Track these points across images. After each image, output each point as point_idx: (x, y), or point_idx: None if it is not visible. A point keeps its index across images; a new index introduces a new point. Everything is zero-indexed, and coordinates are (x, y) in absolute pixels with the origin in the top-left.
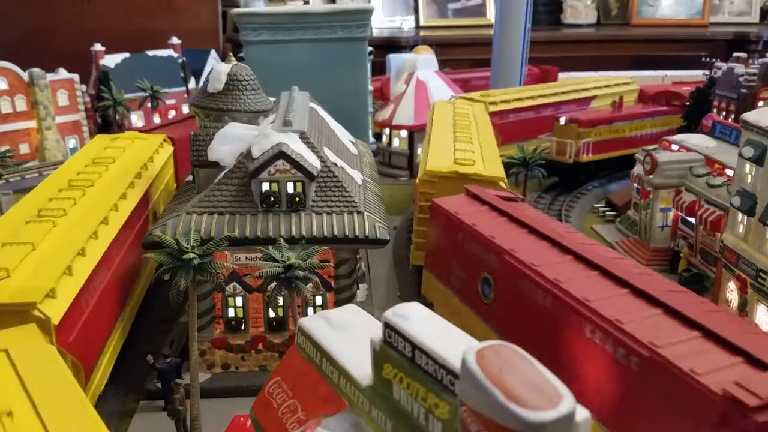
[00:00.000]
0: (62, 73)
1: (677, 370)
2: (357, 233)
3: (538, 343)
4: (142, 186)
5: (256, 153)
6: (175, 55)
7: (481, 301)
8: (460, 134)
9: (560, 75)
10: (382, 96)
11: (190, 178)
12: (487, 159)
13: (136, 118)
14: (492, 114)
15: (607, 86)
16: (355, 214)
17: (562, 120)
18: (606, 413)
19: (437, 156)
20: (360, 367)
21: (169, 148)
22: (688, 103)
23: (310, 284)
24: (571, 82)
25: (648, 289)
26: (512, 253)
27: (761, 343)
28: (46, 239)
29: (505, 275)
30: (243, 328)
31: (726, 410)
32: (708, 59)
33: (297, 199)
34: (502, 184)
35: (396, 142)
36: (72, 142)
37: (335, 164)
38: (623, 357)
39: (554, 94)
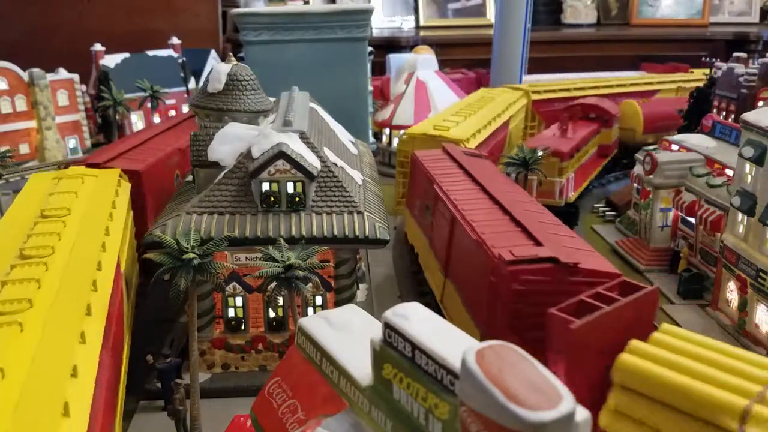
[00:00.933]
0: (62, 73)
1: (486, 246)
2: (357, 233)
3: (444, 242)
4: (112, 252)
5: (256, 153)
6: (175, 55)
7: (425, 222)
8: (467, 111)
9: (567, 75)
10: (382, 96)
11: (190, 178)
12: (466, 127)
13: (136, 118)
14: (536, 102)
15: (661, 82)
16: (355, 214)
17: (539, 152)
18: (462, 278)
19: (425, 124)
20: (360, 367)
21: (126, 188)
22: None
23: (310, 284)
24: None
25: (515, 212)
26: (441, 186)
27: (560, 240)
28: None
29: (435, 201)
30: (243, 328)
31: (495, 264)
32: (708, 59)
33: (297, 199)
34: (465, 144)
35: (396, 142)
36: (72, 142)
37: (335, 164)
38: (474, 243)
39: (596, 87)
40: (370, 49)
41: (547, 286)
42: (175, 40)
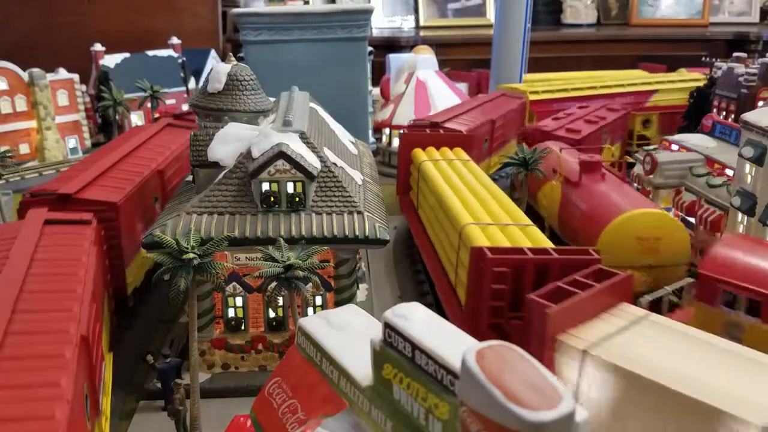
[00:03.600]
0: (62, 73)
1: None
2: (357, 233)
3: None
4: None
5: (255, 153)
6: (175, 55)
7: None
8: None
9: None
10: (382, 96)
11: (190, 178)
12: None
13: (136, 118)
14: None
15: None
16: (355, 214)
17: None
18: None
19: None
20: (360, 367)
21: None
22: (688, 103)
23: (310, 284)
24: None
25: None
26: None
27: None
28: None
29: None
30: (243, 328)
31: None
32: (708, 59)
33: (297, 199)
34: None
35: (396, 142)
36: (72, 142)
37: (335, 164)
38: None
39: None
40: (370, 49)
41: None
42: (175, 40)
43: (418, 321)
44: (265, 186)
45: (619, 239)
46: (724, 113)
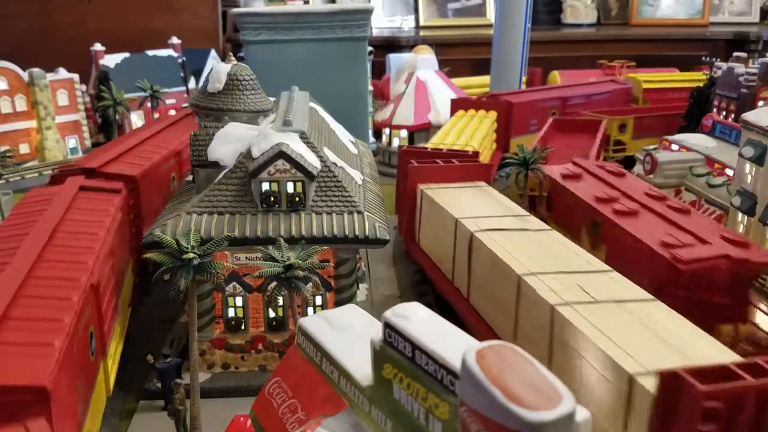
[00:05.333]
0: (62, 73)
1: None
2: (357, 233)
3: None
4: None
5: (255, 153)
6: (175, 55)
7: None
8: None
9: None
10: (382, 95)
11: (189, 177)
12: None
13: (136, 118)
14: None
15: None
16: (355, 214)
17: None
18: None
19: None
20: (360, 367)
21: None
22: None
23: (310, 284)
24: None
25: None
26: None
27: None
28: None
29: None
30: (243, 328)
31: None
32: (708, 59)
33: (297, 199)
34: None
35: (396, 142)
36: (72, 142)
37: (335, 164)
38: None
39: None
40: (370, 48)
41: None
42: (175, 40)
43: (418, 321)
44: (265, 186)
45: None
46: (724, 113)
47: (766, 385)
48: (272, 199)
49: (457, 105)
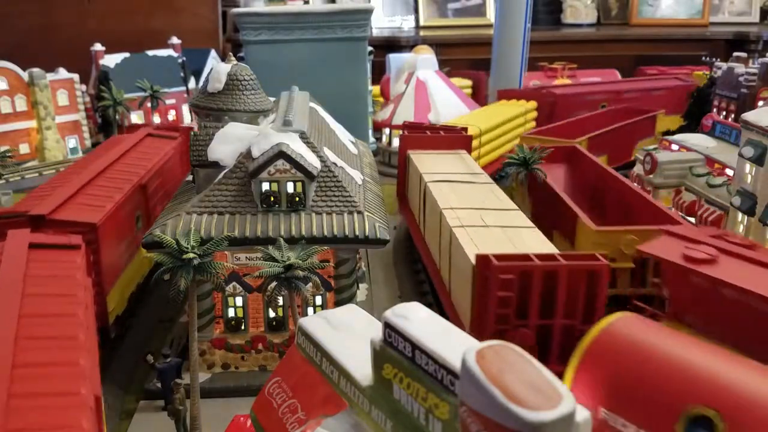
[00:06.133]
0: (62, 73)
1: None
2: (357, 233)
3: None
4: None
5: (255, 153)
6: (175, 55)
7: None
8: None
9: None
10: (382, 96)
11: (189, 177)
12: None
13: (136, 118)
14: None
15: None
16: (355, 214)
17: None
18: None
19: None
20: (360, 367)
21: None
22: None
23: (310, 284)
24: None
25: None
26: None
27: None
28: None
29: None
30: (243, 328)
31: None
32: (708, 59)
33: (297, 199)
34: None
35: (396, 142)
36: (72, 142)
37: (335, 164)
38: None
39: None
40: (370, 48)
41: None
42: (175, 40)
43: (418, 321)
44: (265, 186)
45: None
46: (724, 113)
47: (548, 266)
48: (272, 199)
49: (501, 95)
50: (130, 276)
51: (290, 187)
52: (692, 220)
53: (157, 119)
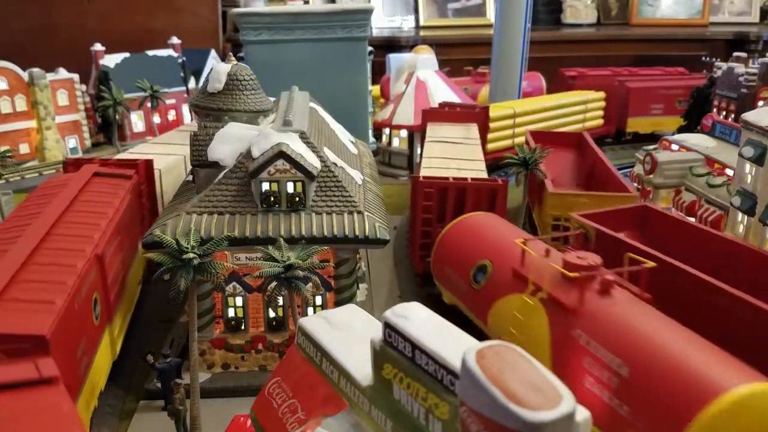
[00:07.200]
0: (62, 73)
1: None
2: (357, 233)
3: None
4: None
5: (255, 153)
6: (175, 55)
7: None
8: None
9: None
10: (382, 95)
11: (189, 177)
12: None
13: (136, 118)
14: None
15: None
16: (355, 214)
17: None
18: None
19: None
20: (360, 367)
21: None
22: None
23: (310, 284)
24: None
25: None
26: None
27: None
28: None
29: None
30: (243, 328)
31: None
32: (708, 59)
33: (297, 199)
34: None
35: (396, 142)
36: (72, 142)
37: (335, 164)
38: None
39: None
40: (370, 48)
41: None
42: (175, 40)
43: (418, 321)
44: (265, 186)
45: None
46: (724, 113)
47: (459, 184)
48: (272, 199)
49: (573, 86)
50: (95, 379)
51: (290, 187)
52: (692, 220)
53: (157, 119)
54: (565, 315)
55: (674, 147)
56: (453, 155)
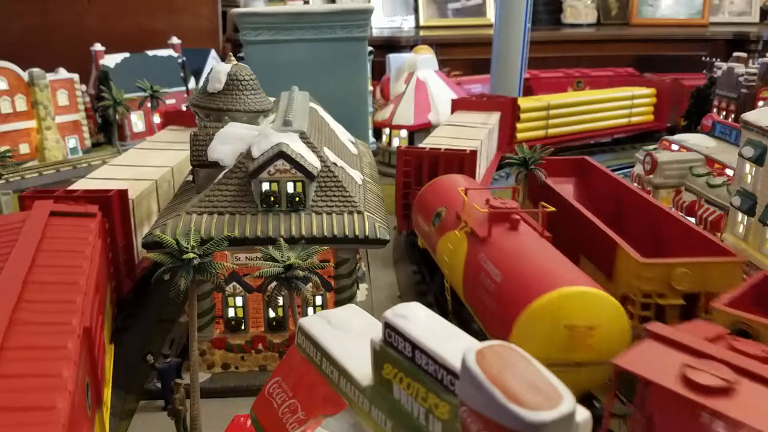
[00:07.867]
0: (62, 73)
1: None
2: (357, 233)
3: None
4: None
5: (255, 153)
6: (175, 55)
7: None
8: None
9: None
10: (382, 96)
11: (190, 178)
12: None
13: (136, 118)
14: None
15: None
16: (355, 214)
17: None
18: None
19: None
20: (360, 367)
21: None
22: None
23: (310, 284)
24: None
25: None
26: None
27: None
28: None
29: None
30: (243, 328)
31: None
32: (708, 59)
33: (297, 199)
34: None
35: (396, 142)
36: (72, 142)
37: (335, 164)
38: None
39: None
40: (370, 48)
41: None
42: (175, 40)
43: (418, 321)
44: (265, 186)
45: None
46: (724, 113)
47: (432, 153)
48: (272, 199)
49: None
50: None
51: (290, 187)
52: (692, 220)
53: (157, 119)
54: (476, 243)
55: (674, 147)
56: (455, 135)
